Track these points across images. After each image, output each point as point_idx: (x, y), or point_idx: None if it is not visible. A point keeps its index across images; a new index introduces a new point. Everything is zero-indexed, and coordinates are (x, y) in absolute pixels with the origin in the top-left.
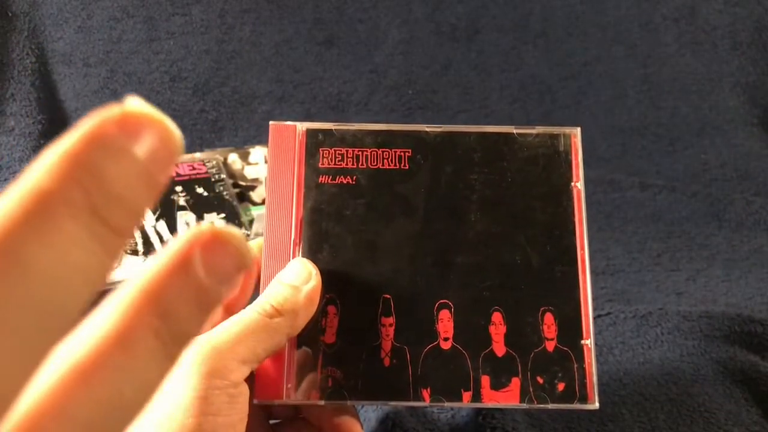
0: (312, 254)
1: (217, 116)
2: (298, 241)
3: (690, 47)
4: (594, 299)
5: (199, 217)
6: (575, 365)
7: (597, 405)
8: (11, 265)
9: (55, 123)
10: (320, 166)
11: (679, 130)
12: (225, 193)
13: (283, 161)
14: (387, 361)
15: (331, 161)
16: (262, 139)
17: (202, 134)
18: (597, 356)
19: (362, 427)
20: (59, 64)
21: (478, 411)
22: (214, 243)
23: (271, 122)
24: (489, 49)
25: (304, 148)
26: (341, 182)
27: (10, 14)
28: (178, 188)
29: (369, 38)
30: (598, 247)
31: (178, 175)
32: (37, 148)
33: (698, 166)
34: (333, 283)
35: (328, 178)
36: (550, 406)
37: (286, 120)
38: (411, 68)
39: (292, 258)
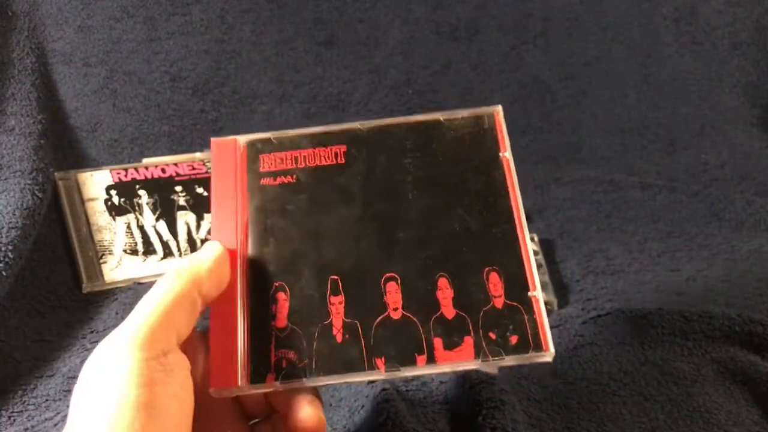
0: (258, 249)
1: (217, 116)
2: (245, 240)
3: (690, 47)
4: (594, 299)
5: (199, 217)
6: (525, 317)
7: (553, 352)
8: None
9: (55, 122)
10: (261, 170)
11: (679, 130)
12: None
13: (225, 170)
14: (339, 337)
15: (272, 165)
16: None
17: (202, 134)
18: (597, 354)
19: (322, 403)
20: (59, 64)
21: (478, 410)
22: None
23: (212, 138)
24: (489, 49)
25: (245, 157)
26: (282, 182)
27: (10, 14)
28: (178, 188)
29: (369, 38)
30: (598, 247)
31: (178, 175)
32: (37, 148)
33: (698, 166)
34: (281, 271)
35: (270, 179)
36: (506, 359)
37: (286, 119)
38: (411, 68)
39: (240, 258)
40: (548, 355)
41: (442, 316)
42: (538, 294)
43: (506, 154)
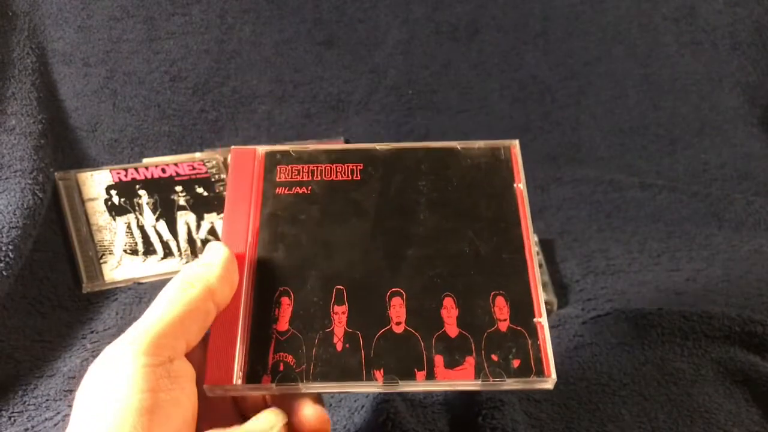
0: (267, 253)
1: (217, 116)
2: (254, 244)
3: (690, 47)
4: (594, 299)
5: (199, 217)
6: (529, 341)
7: (554, 378)
8: None
9: (55, 123)
10: (278, 180)
11: (679, 130)
12: (225, 193)
13: (242, 177)
14: (339, 346)
15: (288, 175)
16: (261, 139)
17: (202, 134)
18: (597, 354)
19: (323, 405)
20: (59, 63)
21: (478, 411)
22: None
23: (232, 147)
24: (489, 49)
25: (262, 167)
26: (297, 192)
27: (10, 14)
28: (178, 188)
29: (369, 38)
30: (598, 247)
31: (178, 175)
32: (37, 148)
33: (698, 166)
34: (287, 277)
35: (285, 189)
36: (507, 381)
37: (287, 119)
38: (411, 68)
39: (248, 261)
40: (550, 382)
41: (445, 334)
42: (543, 321)
43: (520, 185)
